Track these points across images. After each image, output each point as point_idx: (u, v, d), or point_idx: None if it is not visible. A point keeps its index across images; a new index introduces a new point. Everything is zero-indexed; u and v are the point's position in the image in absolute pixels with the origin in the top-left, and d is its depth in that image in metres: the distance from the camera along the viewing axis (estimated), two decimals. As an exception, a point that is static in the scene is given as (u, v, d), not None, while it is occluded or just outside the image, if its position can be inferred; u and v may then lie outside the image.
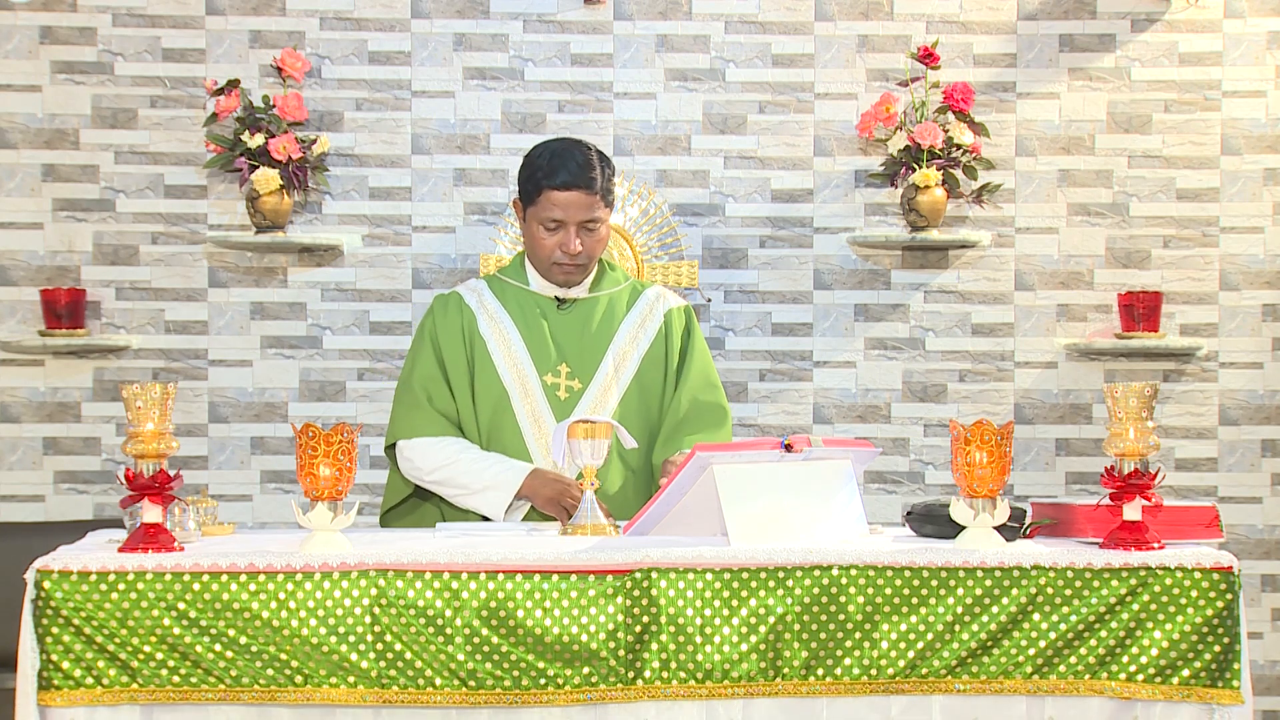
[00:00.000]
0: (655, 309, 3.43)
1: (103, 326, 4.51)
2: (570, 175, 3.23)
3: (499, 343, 3.33)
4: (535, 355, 3.33)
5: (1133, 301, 4.46)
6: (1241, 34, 4.58)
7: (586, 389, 3.32)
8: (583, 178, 3.23)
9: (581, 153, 3.26)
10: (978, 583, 2.55)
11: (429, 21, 4.57)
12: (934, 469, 4.59)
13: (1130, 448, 2.64)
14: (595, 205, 3.25)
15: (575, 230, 3.26)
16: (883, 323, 4.59)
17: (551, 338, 3.34)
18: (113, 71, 4.51)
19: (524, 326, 3.35)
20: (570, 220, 3.25)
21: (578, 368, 3.32)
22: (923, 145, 4.38)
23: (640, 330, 3.39)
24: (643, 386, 3.35)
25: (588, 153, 3.27)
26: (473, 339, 3.34)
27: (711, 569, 2.54)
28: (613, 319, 3.39)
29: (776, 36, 4.59)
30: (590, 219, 3.26)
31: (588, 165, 3.24)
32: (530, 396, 3.30)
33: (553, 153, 3.27)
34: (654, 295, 3.46)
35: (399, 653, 2.49)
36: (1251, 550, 4.57)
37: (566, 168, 3.23)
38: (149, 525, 2.57)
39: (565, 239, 3.26)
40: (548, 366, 3.32)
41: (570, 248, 3.26)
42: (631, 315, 3.40)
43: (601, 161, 3.28)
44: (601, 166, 3.27)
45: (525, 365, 3.32)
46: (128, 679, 2.48)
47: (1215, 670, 2.53)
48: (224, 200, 4.54)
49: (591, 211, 3.25)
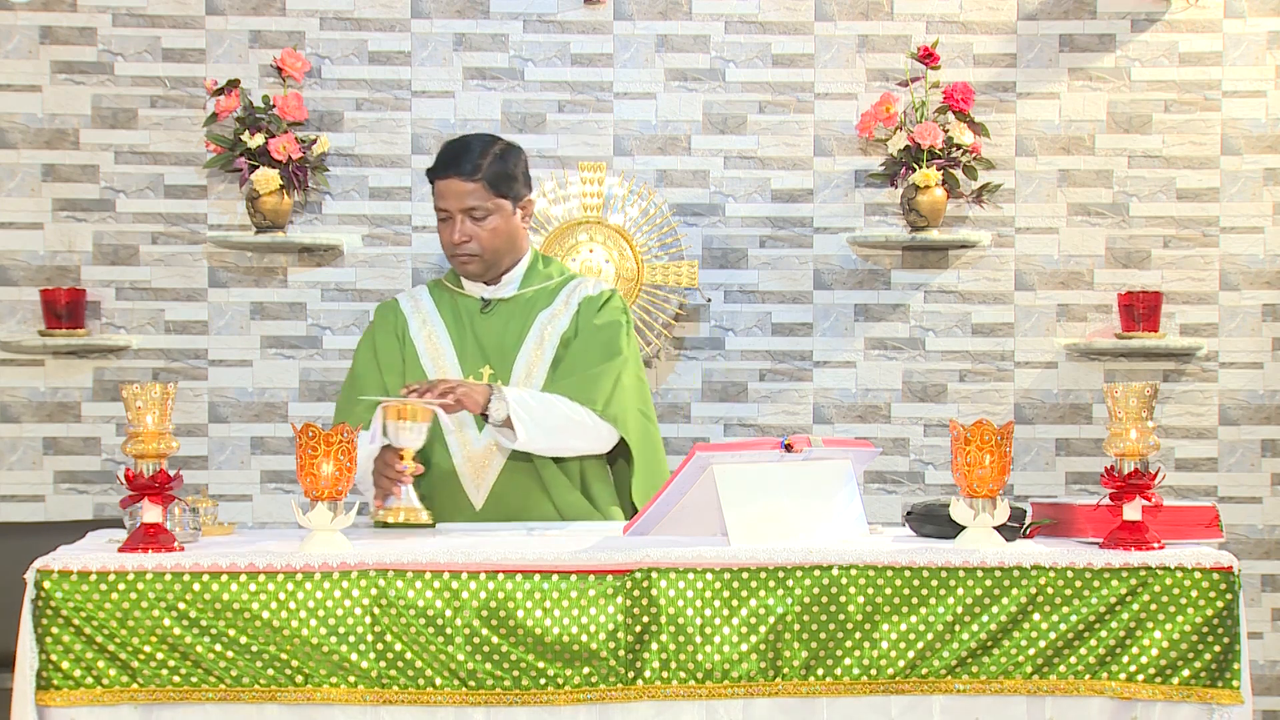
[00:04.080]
0: (571, 300, 3.33)
1: (103, 326, 4.52)
2: (445, 164, 3.19)
3: (428, 347, 3.30)
4: (462, 358, 3.28)
5: (1133, 301, 4.46)
6: (1241, 34, 4.58)
7: None
8: (458, 165, 3.17)
9: (467, 141, 3.21)
10: (978, 583, 2.55)
11: (429, 21, 4.57)
12: (934, 469, 4.59)
13: (1130, 448, 2.64)
14: (476, 193, 3.18)
15: (460, 219, 3.20)
16: (883, 323, 4.59)
17: (476, 340, 3.29)
18: (113, 71, 4.52)
19: (454, 330, 3.31)
20: (452, 209, 3.19)
21: (499, 367, 3.26)
22: (923, 145, 4.38)
23: (552, 322, 3.30)
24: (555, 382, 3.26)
25: (474, 141, 3.22)
26: (405, 343, 3.31)
27: (711, 569, 2.54)
28: (530, 316, 3.31)
29: (776, 36, 4.59)
30: (472, 207, 3.19)
31: (466, 151, 3.19)
32: None
33: (447, 144, 3.26)
34: (573, 285, 3.36)
35: (399, 653, 2.49)
36: (1251, 550, 4.57)
37: (444, 156, 3.20)
38: (149, 525, 2.57)
39: (452, 229, 3.21)
40: (472, 369, 3.27)
41: (452, 236, 3.21)
42: (547, 310, 3.31)
43: (493, 150, 3.21)
44: (493, 156, 3.20)
45: (451, 368, 3.27)
46: (127, 679, 2.48)
47: (1215, 670, 2.53)
48: (224, 200, 4.54)
49: (471, 199, 3.18)
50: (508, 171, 3.23)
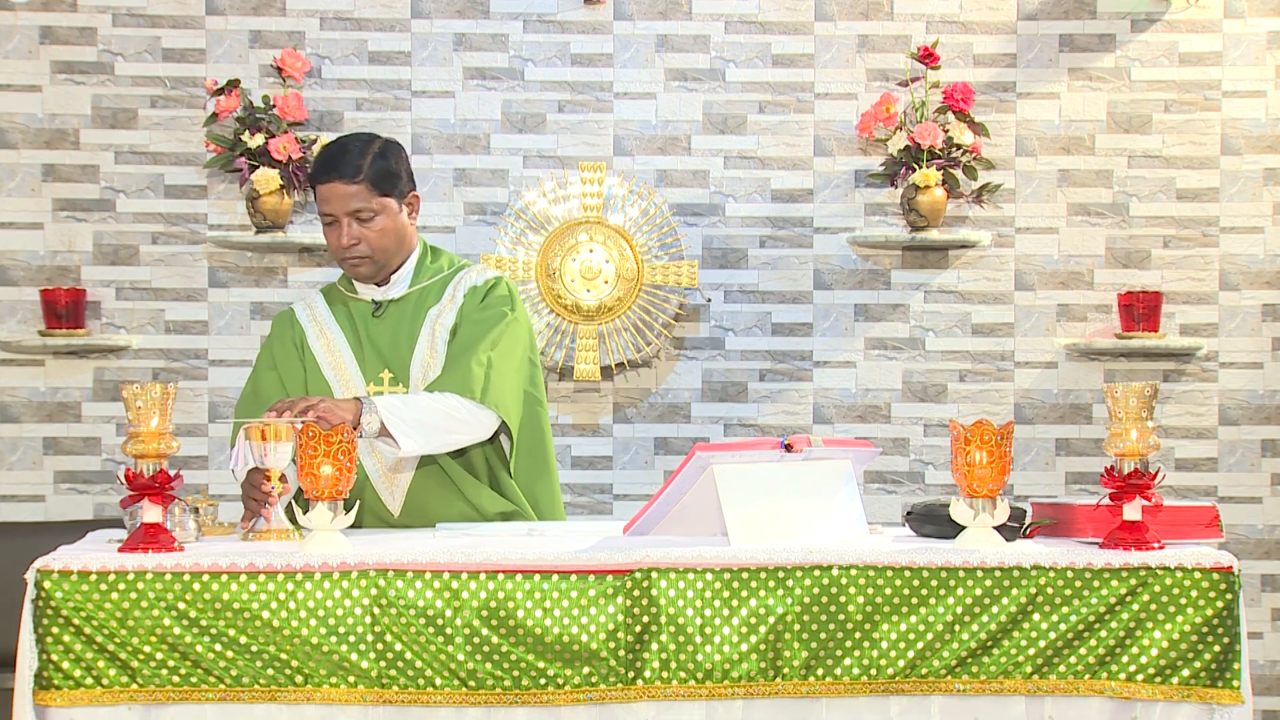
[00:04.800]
0: (457, 292, 3.26)
1: (103, 326, 4.52)
2: (325, 168, 3.12)
3: (326, 354, 3.24)
4: (362, 364, 3.22)
5: (1133, 301, 4.46)
6: (1241, 34, 4.58)
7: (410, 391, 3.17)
8: (338, 168, 3.10)
9: (344, 143, 3.15)
10: (978, 583, 2.55)
11: (429, 21, 4.57)
12: (934, 469, 4.59)
13: (1130, 448, 2.64)
14: (360, 195, 3.11)
15: (347, 222, 3.13)
16: (883, 323, 4.59)
17: (372, 344, 3.23)
18: (113, 71, 4.52)
19: (351, 335, 3.24)
20: (338, 212, 3.12)
21: (399, 371, 3.19)
22: (923, 145, 4.38)
23: (441, 318, 3.22)
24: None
25: (352, 142, 3.15)
26: (304, 355, 3.25)
27: (711, 569, 2.54)
28: (421, 312, 3.24)
29: (776, 36, 4.59)
30: (358, 209, 3.12)
31: (345, 153, 3.12)
32: None
33: (325, 147, 3.18)
34: (459, 277, 3.29)
35: (399, 653, 2.49)
36: (1251, 550, 4.57)
37: (323, 160, 3.13)
38: (149, 525, 2.57)
39: (339, 233, 3.14)
40: (372, 374, 3.20)
41: (339, 239, 3.14)
42: (437, 305, 3.25)
43: (377, 152, 3.14)
44: (373, 156, 3.13)
45: (352, 375, 3.21)
46: (127, 679, 2.48)
47: (1215, 670, 2.53)
48: (224, 200, 4.54)
49: (358, 201, 3.11)
50: (390, 169, 3.16)
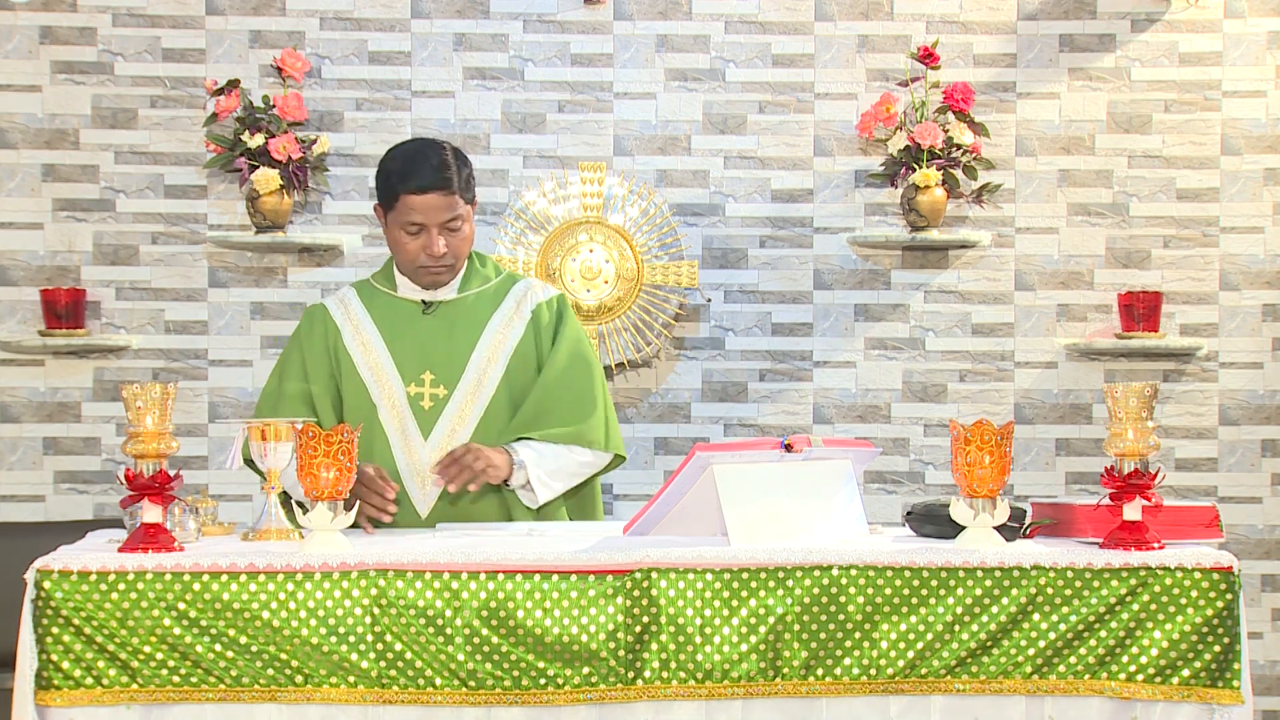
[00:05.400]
0: (523, 304, 3.30)
1: (103, 326, 4.52)
2: (425, 178, 3.13)
3: (363, 354, 3.24)
4: (400, 364, 3.23)
5: (1133, 301, 4.46)
6: (1241, 34, 4.58)
7: (451, 396, 3.21)
8: (439, 179, 3.13)
9: (436, 153, 3.16)
10: (978, 583, 2.55)
11: (429, 21, 4.57)
12: (934, 469, 4.59)
13: (1130, 448, 2.64)
14: (455, 205, 3.15)
15: (437, 232, 3.16)
16: (883, 323, 4.59)
17: (416, 344, 3.24)
18: (113, 71, 4.52)
19: (389, 335, 3.25)
20: (431, 223, 3.15)
21: (443, 374, 3.22)
22: (923, 145, 4.38)
23: (507, 328, 3.27)
24: (511, 387, 3.24)
25: (442, 152, 3.17)
26: (338, 353, 3.26)
27: (711, 569, 2.54)
28: (479, 319, 3.27)
29: (776, 36, 4.59)
30: (451, 219, 3.16)
31: (443, 166, 3.14)
32: (395, 408, 3.20)
33: (406, 156, 3.17)
34: (522, 289, 3.33)
35: (399, 653, 2.49)
36: (1251, 550, 4.57)
37: (421, 171, 3.13)
38: (149, 525, 2.57)
39: (428, 242, 3.16)
40: (412, 375, 3.22)
41: (434, 250, 3.16)
42: (499, 313, 3.28)
43: (458, 159, 3.18)
44: (458, 164, 3.17)
45: (390, 375, 3.22)
46: (127, 679, 2.48)
47: (1215, 670, 2.53)
48: (224, 200, 4.54)
49: (452, 211, 3.16)
50: (470, 177, 3.22)
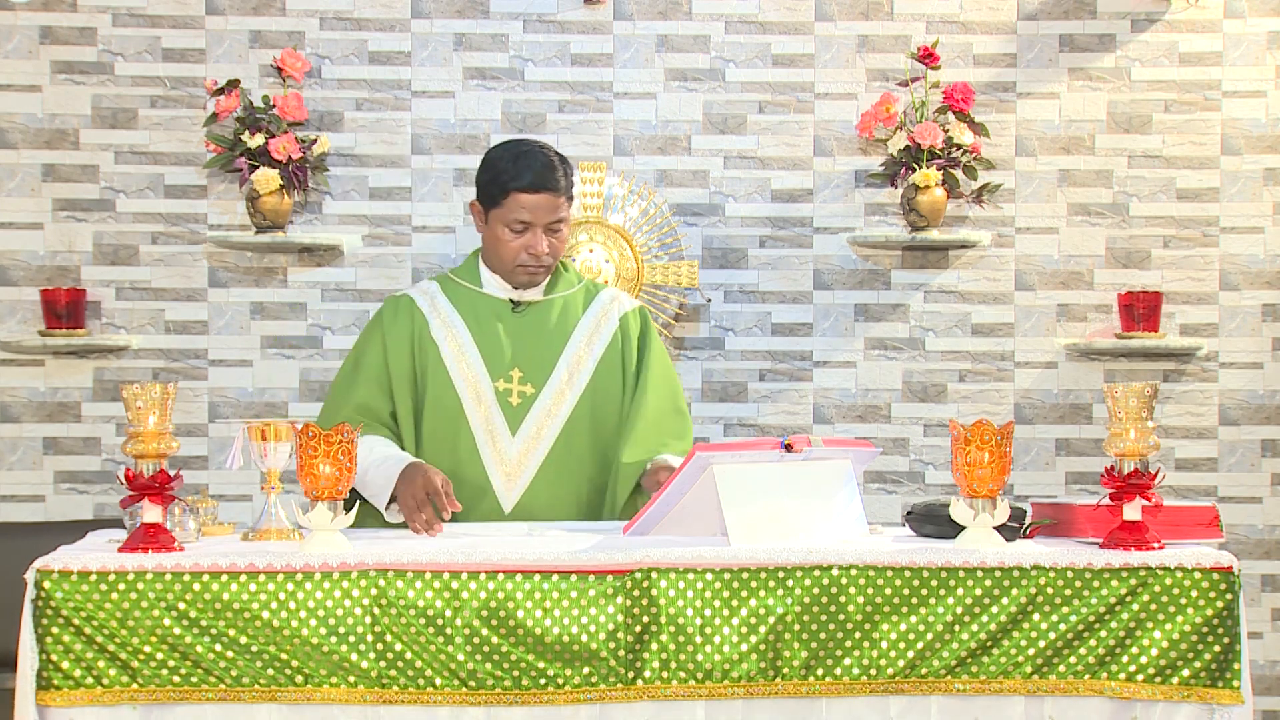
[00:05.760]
0: (610, 312, 3.39)
1: (103, 326, 4.52)
2: (539, 177, 3.21)
3: (452, 347, 3.29)
4: (488, 360, 3.28)
5: (1133, 301, 4.46)
6: (1241, 34, 4.58)
7: (539, 394, 3.26)
8: (550, 179, 3.22)
9: (545, 155, 3.25)
10: (978, 583, 2.55)
11: (429, 21, 4.57)
12: (934, 469, 4.59)
13: (1130, 448, 2.64)
14: (561, 207, 3.24)
15: (541, 232, 3.24)
16: (883, 323, 4.59)
17: (505, 342, 3.30)
18: (113, 71, 4.52)
19: (476, 330, 3.30)
20: (538, 222, 3.23)
21: (531, 372, 3.28)
22: (923, 145, 4.38)
23: (595, 334, 3.35)
24: (596, 391, 3.30)
25: (551, 155, 3.26)
26: (424, 344, 3.30)
27: (711, 569, 2.54)
28: (567, 322, 3.35)
29: (776, 36, 4.59)
30: (555, 221, 3.25)
31: (552, 167, 3.23)
32: (483, 402, 3.25)
33: (516, 155, 3.25)
34: (609, 298, 3.42)
35: (399, 653, 2.49)
36: (1251, 550, 4.57)
37: (533, 169, 3.22)
38: (149, 525, 2.57)
39: (532, 241, 3.23)
40: (500, 371, 3.27)
41: (538, 249, 3.23)
42: (586, 318, 3.36)
43: (564, 163, 3.27)
44: (564, 168, 3.26)
45: (478, 370, 3.27)
46: (127, 679, 2.48)
47: (1215, 670, 2.53)
48: (224, 200, 4.54)
49: (557, 213, 3.24)
50: (573, 182, 3.31)
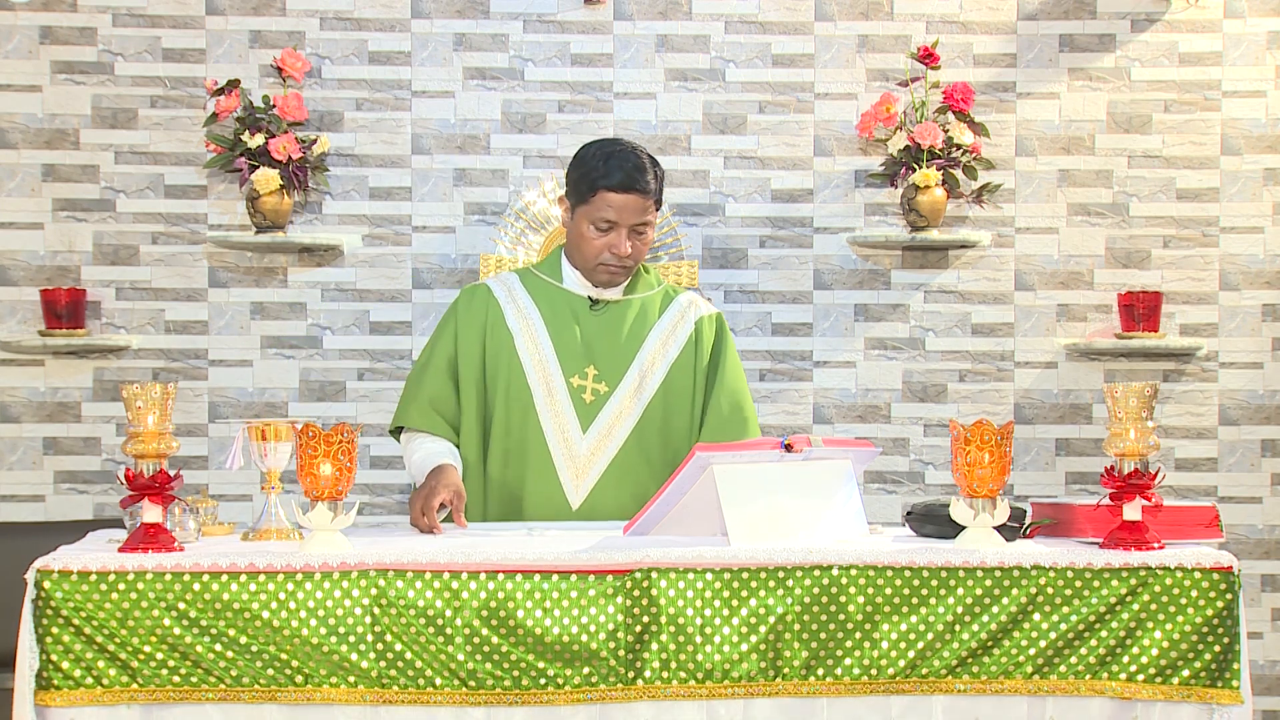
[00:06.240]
0: (686, 316, 3.40)
1: (103, 326, 4.52)
2: (629, 178, 3.21)
3: (526, 339, 3.31)
4: (562, 355, 3.30)
5: (1133, 301, 4.46)
6: (1241, 34, 4.58)
7: (613, 393, 3.29)
8: (640, 181, 3.22)
9: (637, 156, 3.25)
10: (978, 583, 2.55)
11: (429, 21, 4.57)
12: (934, 469, 4.59)
13: (1130, 448, 2.64)
14: (648, 209, 3.25)
15: (626, 233, 3.25)
16: (883, 323, 4.59)
17: (581, 338, 3.32)
18: (113, 71, 4.52)
19: (553, 325, 3.33)
20: (623, 222, 3.23)
21: (605, 370, 3.30)
22: (923, 145, 4.38)
23: (670, 337, 3.37)
24: (668, 394, 3.32)
25: (643, 157, 3.26)
26: (497, 332, 3.32)
27: (711, 569, 2.54)
28: (644, 323, 3.36)
29: (776, 36, 4.59)
30: (642, 222, 3.25)
31: (643, 169, 3.23)
32: (554, 397, 3.28)
33: (609, 154, 3.25)
34: (686, 302, 3.43)
35: (399, 653, 2.49)
36: (1251, 550, 4.57)
37: (624, 169, 3.22)
38: (149, 525, 2.57)
39: (616, 240, 3.24)
40: (575, 368, 3.29)
41: (621, 249, 3.24)
42: (663, 321, 3.38)
43: (655, 166, 3.27)
44: (655, 171, 3.26)
45: (551, 365, 3.29)
46: (127, 679, 2.48)
47: (1215, 670, 2.53)
48: (224, 200, 4.54)
49: (643, 216, 3.24)
50: (662, 186, 3.31)
